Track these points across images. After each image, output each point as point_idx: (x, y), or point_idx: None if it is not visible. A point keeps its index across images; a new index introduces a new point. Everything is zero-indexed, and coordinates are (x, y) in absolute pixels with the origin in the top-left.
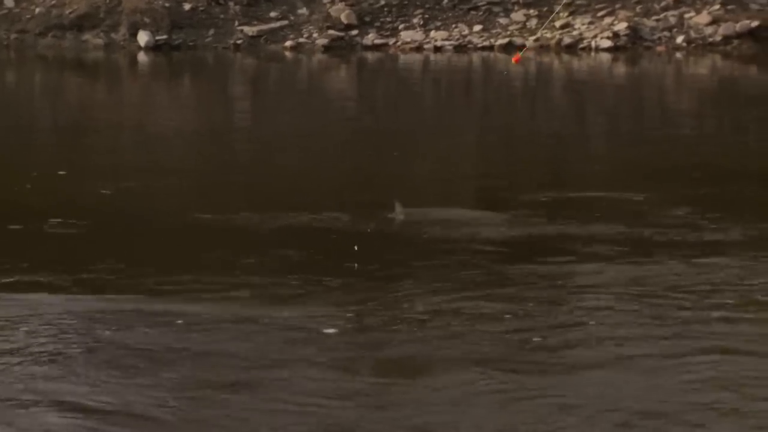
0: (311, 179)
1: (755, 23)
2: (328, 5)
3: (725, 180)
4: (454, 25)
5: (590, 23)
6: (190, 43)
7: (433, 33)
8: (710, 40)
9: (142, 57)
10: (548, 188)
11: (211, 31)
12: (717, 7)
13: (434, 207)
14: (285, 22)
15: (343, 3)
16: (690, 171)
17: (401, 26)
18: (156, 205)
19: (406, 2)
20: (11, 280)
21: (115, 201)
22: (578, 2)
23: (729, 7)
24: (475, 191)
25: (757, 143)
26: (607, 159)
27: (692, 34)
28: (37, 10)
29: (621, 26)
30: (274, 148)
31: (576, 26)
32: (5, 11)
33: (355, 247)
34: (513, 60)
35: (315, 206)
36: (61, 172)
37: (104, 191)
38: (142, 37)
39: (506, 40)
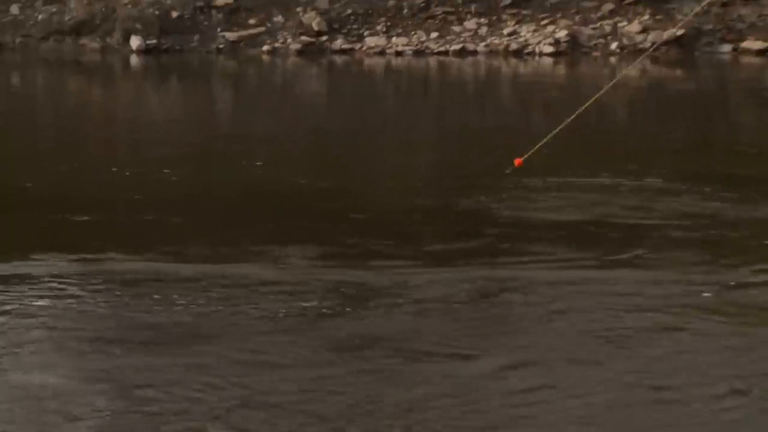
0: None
1: (680, 32)
2: (301, 14)
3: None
4: (413, 32)
5: (534, 31)
6: (177, 47)
7: (394, 39)
8: (641, 46)
9: (134, 59)
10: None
11: (196, 37)
12: (647, 17)
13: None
14: (262, 29)
15: (315, 12)
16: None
17: (366, 33)
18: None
19: (370, 11)
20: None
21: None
22: (524, 12)
23: (657, 17)
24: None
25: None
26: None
27: (625, 41)
28: (40, 16)
29: (562, 34)
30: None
31: (522, 34)
32: (11, 17)
33: None
34: (516, 163)
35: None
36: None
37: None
38: (134, 42)
39: (460, 45)
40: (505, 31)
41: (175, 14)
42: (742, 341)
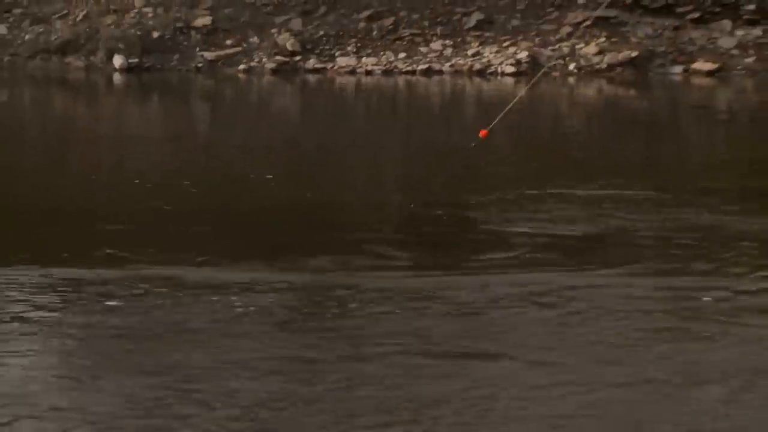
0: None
1: (635, 53)
2: (276, 35)
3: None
4: (382, 53)
5: (497, 52)
6: (158, 66)
7: (364, 59)
8: (597, 67)
9: (117, 77)
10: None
11: (176, 56)
12: (603, 39)
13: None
14: (239, 49)
15: (289, 33)
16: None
17: (338, 53)
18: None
19: (341, 33)
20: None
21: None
22: (487, 34)
23: (613, 39)
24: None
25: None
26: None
27: (582, 62)
28: (27, 36)
29: (523, 54)
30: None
31: (485, 54)
32: None
33: None
34: (481, 134)
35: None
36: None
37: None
38: (117, 60)
39: (426, 65)
40: (469, 52)
41: (156, 34)
42: (745, 342)
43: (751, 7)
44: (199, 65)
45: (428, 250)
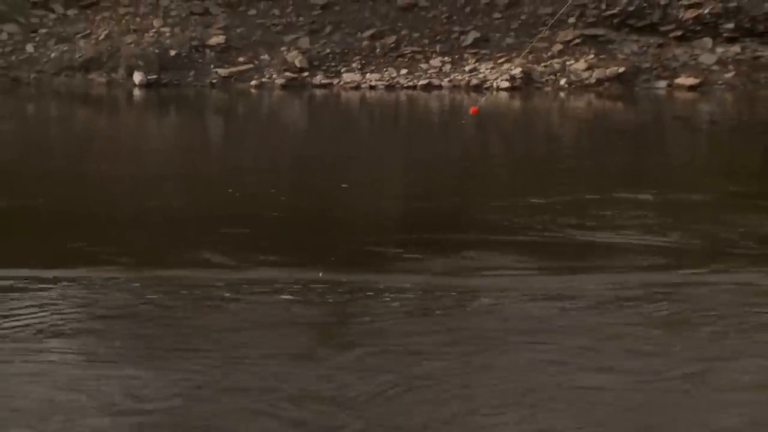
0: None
1: (621, 69)
2: (285, 52)
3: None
4: (385, 69)
5: (492, 68)
6: (175, 82)
7: (368, 75)
8: (586, 82)
9: (136, 93)
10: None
11: (192, 72)
12: (592, 56)
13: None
14: (251, 66)
15: (297, 51)
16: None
17: (343, 69)
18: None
19: (347, 51)
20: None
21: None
22: (483, 51)
23: (601, 56)
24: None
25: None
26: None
27: (572, 77)
28: (52, 54)
29: (517, 71)
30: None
31: (481, 70)
32: (27, 55)
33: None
34: (471, 111)
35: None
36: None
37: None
38: (137, 77)
39: (426, 81)
40: (467, 68)
41: (173, 52)
42: None
43: (730, 25)
44: (214, 81)
45: (538, 253)
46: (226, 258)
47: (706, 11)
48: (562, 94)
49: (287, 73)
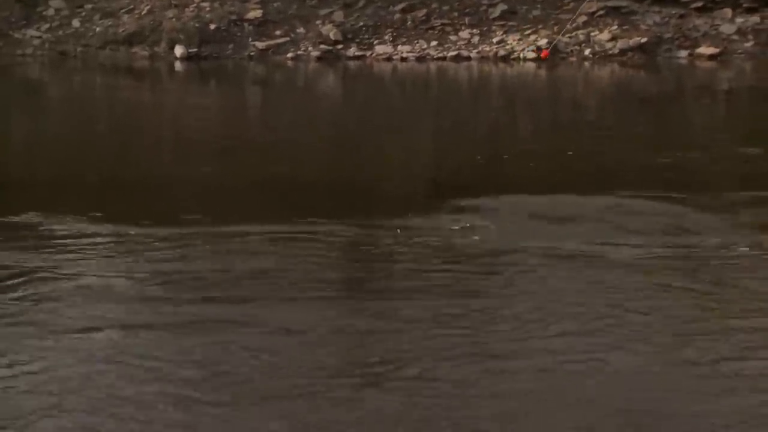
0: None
1: (644, 39)
2: (320, 26)
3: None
4: (416, 41)
5: (519, 39)
6: (215, 55)
7: (399, 47)
8: (610, 52)
9: (178, 65)
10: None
11: (231, 46)
12: (615, 27)
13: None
14: (287, 39)
15: (332, 24)
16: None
17: (376, 42)
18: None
19: (379, 24)
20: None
21: None
22: (510, 23)
23: (624, 27)
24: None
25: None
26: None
27: (596, 48)
28: (97, 29)
29: (543, 41)
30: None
31: (509, 42)
32: (73, 30)
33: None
34: (542, 55)
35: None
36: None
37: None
38: (178, 50)
39: (456, 52)
40: (494, 40)
41: (212, 26)
42: None
43: None
44: (252, 54)
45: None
46: None
47: None
48: (586, 64)
49: (322, 46)
